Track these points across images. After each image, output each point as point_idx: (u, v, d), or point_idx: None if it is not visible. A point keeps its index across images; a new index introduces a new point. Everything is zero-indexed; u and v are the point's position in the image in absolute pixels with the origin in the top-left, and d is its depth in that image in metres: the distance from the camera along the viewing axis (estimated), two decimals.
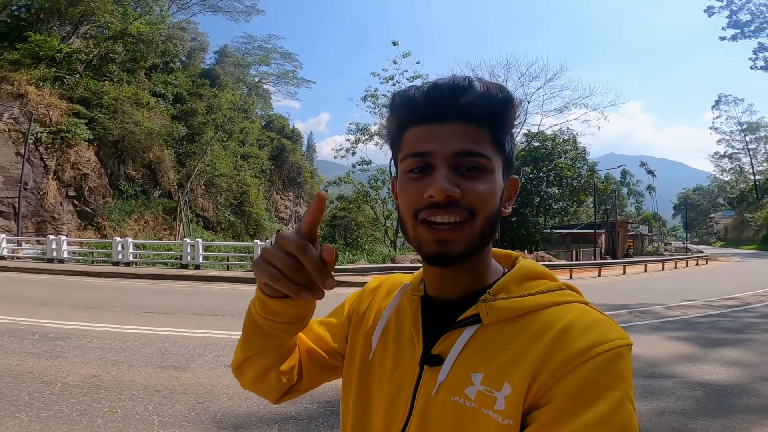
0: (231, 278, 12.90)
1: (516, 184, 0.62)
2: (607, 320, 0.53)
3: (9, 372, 3.81)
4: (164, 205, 40.47)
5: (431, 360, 0.57)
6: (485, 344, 0.54)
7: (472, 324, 0.56)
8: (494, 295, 0.56)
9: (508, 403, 0.50)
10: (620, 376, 0.48)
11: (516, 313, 0.55)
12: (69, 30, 39.59)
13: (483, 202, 0.54)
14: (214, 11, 54.50)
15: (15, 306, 7.19)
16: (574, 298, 0.57)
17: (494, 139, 0.56)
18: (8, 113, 31.17)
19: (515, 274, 0.59)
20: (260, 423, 3.24)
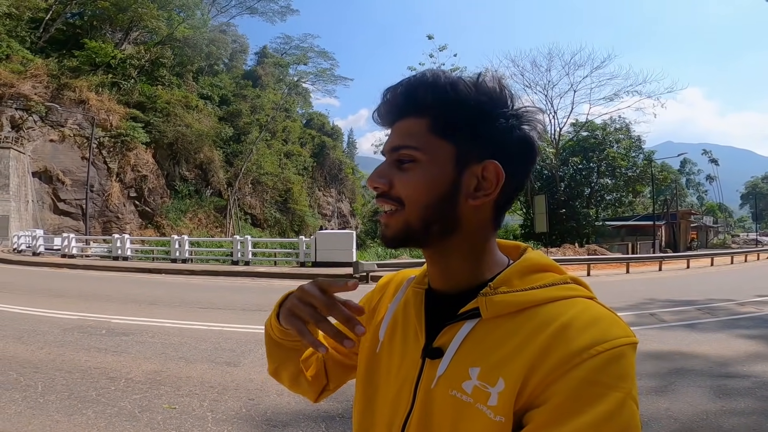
0: (279, 274, 13.29)
1: (492, 169, 0.55)
2: (610, 316, 0.51)
3: (78, 368, 4.08)
4: (215, 203, 42.46)
5: (432, 353, 0.57)
6: (484, 338, 0.54)
7: (472, 318, 0.55)
8: (495, 289, 0.55)
9: (500, 400, 0.49)
10: (622, 375, 0.46)
11: (516, 308, 0.53)
12: (120, 36, 42.22)
13: (411, 192, 0.55)
14: (251, 13, 56.10)
15: (85, 302, 7.77)
16: (578, 293, 0.55)
17: (435, 127, 0.55)
18: (72, 119, 33.80)
19: (518, 266, 0.57)
20: (308, 421, 3.26)
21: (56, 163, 32.63)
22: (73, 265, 14.82)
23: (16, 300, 7.56)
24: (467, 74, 0.57)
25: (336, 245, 14.65)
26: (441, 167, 0.55)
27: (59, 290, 8.87)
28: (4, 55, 32.84)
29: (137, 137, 36.43)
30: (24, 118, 31.55)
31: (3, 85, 30.72)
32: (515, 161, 0.56)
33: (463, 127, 0.55)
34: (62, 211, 32.62)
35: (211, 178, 43.24)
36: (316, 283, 0.58)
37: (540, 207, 18.04)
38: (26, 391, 3.45)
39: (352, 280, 0.57)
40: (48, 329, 5.51)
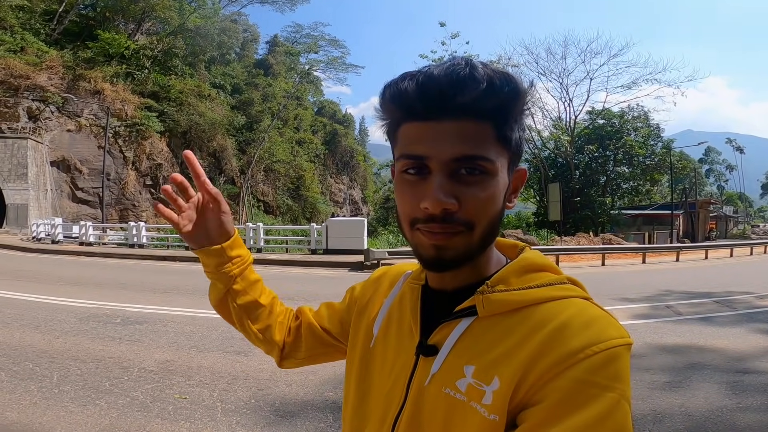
0: (290, 261, 13.39)
1: (523, 176, 0.58)
2: (606, 317, 0.51)
3: (93, 357, 4.17)
4: (228, 191, 42.91)
5: (426, 350, 0.56)
6: (480, 337, 0.53)
7: (468, 316, 0.55)
8: (492, 287, 0.54)
9: (495, 398, 0.49)
10: (616, 376, 0.46)
11: (512, 306, 0.53)
12: (133, 27, 42.43)
13: (483, 211, 0.51)
14: (262, 2, 55.84)
15: (102, 290, 7.94)
16: (574, 293, 0.54)
17: (499, 135, 0.51)
18: (88, 109, 34.30)
19: (516, 265, 0.57)
20: (316, 411, 3.28)
21: (74, 152, 33.26)
22: (90, 253, 15.15)
23: (35, 288, 7.76)
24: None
25: (347, 232, 14.68)
26: (503, 178, 0.53)
27: (76, 278, 9.08)
28: (19, 47, 33.33)
29: (152, 126, 36.85)
30: (41, 109, 32.13)
31: (19, 77, 31.24)
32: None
33: (514, 132, 0.53)
34: (80, 200, 33.34)
35: (225, 165, 43.63)
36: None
37: (554, 195, 17.80)
38: (42, 382, 3.54)
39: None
40: (65, 318, 5.65)
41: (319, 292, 8.42)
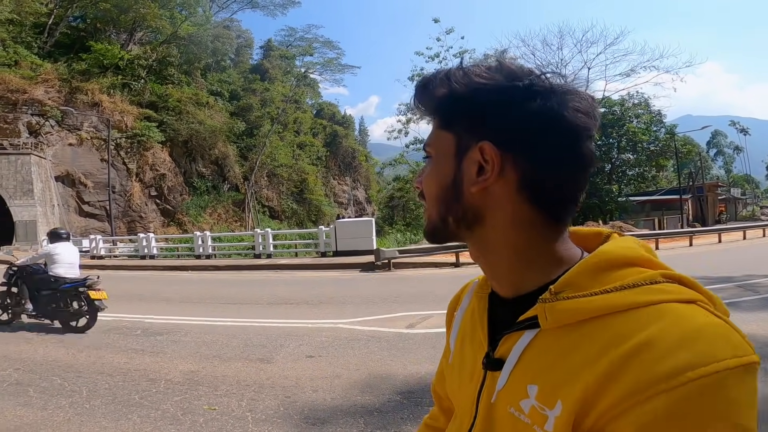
0: (300, 265, 13.39)
1: (487, 150, 0.50)
2: (715, 327, 0.41)
3: (119, 370, 4.17)
4: (233, 198, 43.02)
5: (493, 363, 0.52)
6: (544, 352, 0.47)
7: (532, 327, 0.48)
8: (556, 294, 0.46)
9: (557, 426, 0.43)
10: (722, 411, 0.37)
11: (582, 316, 0.45)
12: (125, 37, 42.61)
13: (426, 188, 0.56)
14: (253, 7, 56.16)
15: (119, 303, 7.92)
16: (671, 296, 0.43)
17: (442, 123, 0.55)
18: (88, 122, 34.43)
19: (590, 262, 0.48)
20: (346, 416, 3.25)
21: (77, 166, 33.43)
22: (103, 266, 15.22)
23: None
24: (476, 57, 0.52)
25: (356, 233, 14.67)
26: (444, 158, 0.54)
27: None
28: (13, 61, 33.42)
29: (152, 137, 36.97)
30: (41, 124, 32.28)
31: (15, 92, 31.37)
32: (530, 141, 0.49)
33: (461, 116, 0.52)
34: (87, 214, 33.52)
35: (228, 172, 43.72)
36: None
37: None
38: (72, 397, 3.53)
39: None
40: (86, 332, 5.65)
41: (333, 294, 8.41)
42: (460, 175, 0.52)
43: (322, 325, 5.87)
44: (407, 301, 7.56)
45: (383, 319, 6.14)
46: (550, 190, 0.50)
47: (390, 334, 5.31)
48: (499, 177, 0.49)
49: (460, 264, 12.25)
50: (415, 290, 8.53)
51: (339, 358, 4.48)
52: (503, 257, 0.52)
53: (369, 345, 4.90)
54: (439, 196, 0.54)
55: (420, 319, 6.08)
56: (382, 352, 4.62)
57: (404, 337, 5.20)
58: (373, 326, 5.72)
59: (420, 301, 7.42)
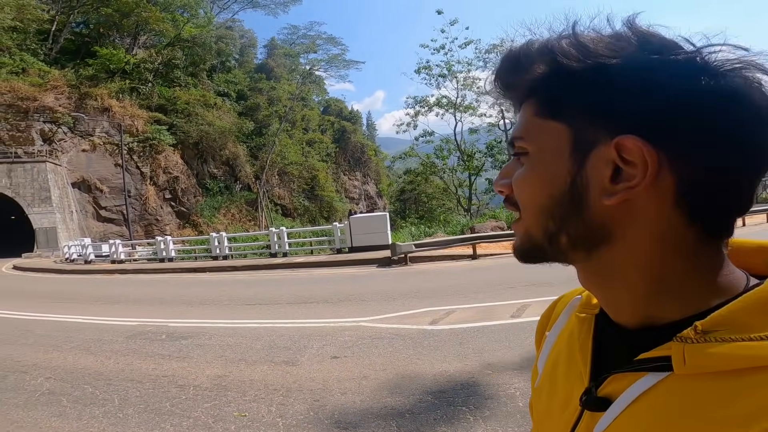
0: (317, 263, 13.40)
1: (631, 146, 0.37)
2: None
3: (148, 377, 4.18)
4: (245, 197, 43.39)
5: (594, 403, 0.41)
6: (668, 403, 0.36)
7: (658, 369, 0.37)
8: (705, 332, 0.35)
9: None
10: None
11: (738, 365, 0.33)
12: (129, 41, 43.05)
13: (521, 195, 0.44)
14: (254, 7, 56.33)
15: (141, 307, 8.06)
16: None
17: (547, 110, 0.42)
18: (99, 127, 34.93)
19: (760, 295, 0.35)
20: (377, 419, 3.19)
21: (92, 172, 34.00)
22: (123, 270, 15.45)
23: (78, 309, 7.91)
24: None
25: (370, 228, 14.61)
26: (553, 157, 0.41)
27: (116, 297, 9.25)
28: (20, 69, 33.90)
29: (163, 140, 37.38)
30: (54, 131, 32.83)
31: (26, 99, 31.89)
32: (694, 133, 0.36)
33: (578, 101, 0.40)
34: (105, 218, 34.13)
35: (239, 172, 44.07)
36: None
37: None
38: (105, 406, 3.54)
39: None
40: (112, 337, 5.71)
41: (352, 291, 8.37)
42: (582, 181, 0.39)
43: (344, 324, 5.82)
44: (427, 295, 7.48)
45: (405, 315, 6.07)
46: (716, 198, 0.37)
47: (414, 331, 5.24)
48: (652, 184, 0.37)
49: (478, 256, 12.12)
50: (434, 284, 8.44)
51: (364, 358, 4.42)
52: (634, 284, 0.40)
53: (393, 343, 4.83)
54: (546, 207, 0.41)
55: (443, 315, 5.99)
56: (408, 351, 4.55)
57: (429, 333, 5.12)
58: (395, 323, 5.66)
59: (440, 296, 7.33)
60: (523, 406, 3.16)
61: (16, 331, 6.29)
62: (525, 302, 6.34)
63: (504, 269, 9.89)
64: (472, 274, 9.44)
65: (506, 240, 13.14)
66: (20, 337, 5.96)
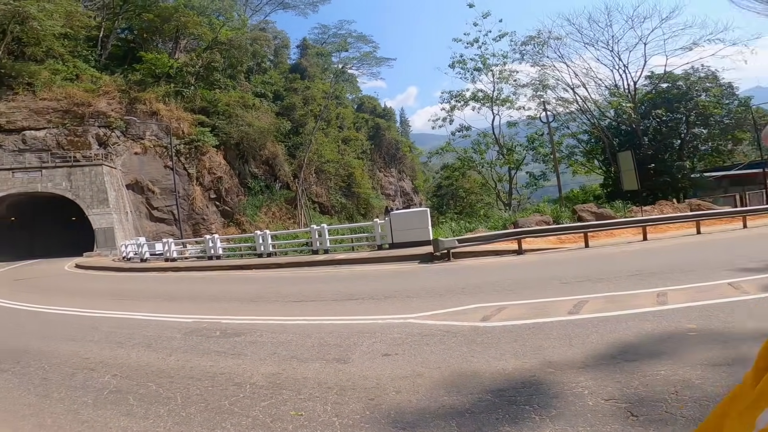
0: (358, 259, 13.42)
1: None
2: None
3: (206, 374, 4.26)
4: (285, 196, 44.40)
5: None
6: None
7: None
8: None
9: None
10: None
11: None
12: (171, 46, 44.94)
13: None
14: (284, 8, 57.58)
15: (195, 304, 8.35)
16: None
17: None
18: (149, 131, 36.75)
19: None
20: (436, 419, 3.06)
21: (144, 174, 35.90)
22: (176, 268, 16.16)
23: (138, 306, 8.30)
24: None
25: (411, 224, 14.48)
26: None
27: (171, 294, 9.66)
28: (74, 75, 36.11)
29: (207, 141, 38.84)
30: (108, 135, 34.86)
31: (81, 105, 33.99)
32: None
33: None
34: (156, 218, 35.99)
35: (278, 171, 45.13)
36: None
37: (627, 163, 16.71)
38: (168, 404, 3.61)
39: None
40: (171, 334, 5.91)
41: (396, 288, 8.28)
42: None
43: (392, 321, 5.73)
44: (474, 292, 7.27)
45: (454, 312, 5.91)
46: None
47: (465, 328, 5.07)
48: None
49: (523, 251, 11.70)
50: (480, 280, 8.20)
51: (416, 356, 4.31)
52: None
53: (445, 340, 4.69)
54: None
55: (494, 311, 5.79)
56: (461, 348, 4.40)
57: (481, 330, 4.94)
58: (445, 320, 5.50)
59: (488, 292, 7.10)
60: (593, 405, 2.96)
61: (83, 328, 6.65)
62: (582, 298, 6.02)
63: (552, 264, 9.48)
64: (519, 270, 9.11)
65: (553, 234, 12.62)
66: (87, 334, 6.28)
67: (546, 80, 30.18)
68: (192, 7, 41.54)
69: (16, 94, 32.29)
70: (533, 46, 30.35)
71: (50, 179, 30.89)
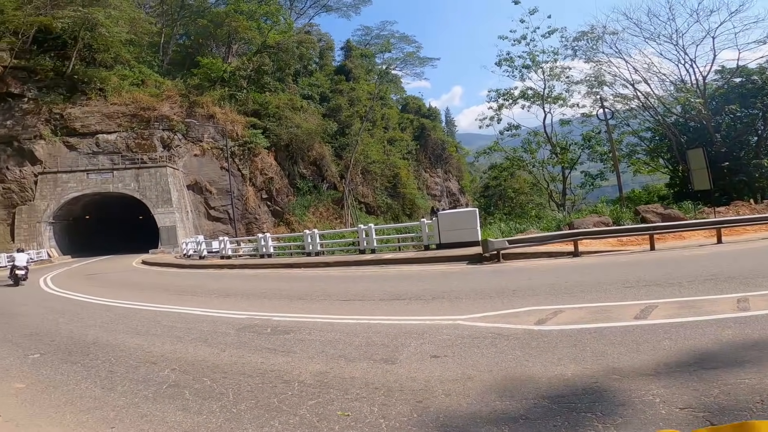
0: (405, 260, 13.33)
1: None
2: None
3: (257, 371, 4.35)
4: (332, 196, 45.26)
5: None
6: None
7: None
8: None
9: None
10: None
11: None
12: (224, 50, 47.21)
13: None
14: (327, 11, 58.94)
15: (248, 301, 8.65)
16: None
17: None
18: (207, 133, 38.84)
19: None
20: (487, 425, 2.90)
21: (202, 174, 38.05)
22: (231, 266, 16.90)
23: (196, 302, 8.75)
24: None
25: (459, 225, 14.19)
26: None
27: (226, 290, 10.08)
28: (140, 80, 38.85)
29: (259, 143, 40.47)
30: (171, 137, 37.26)
31: (147, 109, 36.53)
32: None
33: None
34: (213, 218, 38.03)
35: (326, 172, 46.09)
36: None
37: (697, 162, 15.50)
38: (221, 400, 3.70)
39: None
40: (225, 330, 6.13)
41: (444, 289, 8.11)
42: None
43: (441, 321, 5.59)
44: (526, 294, 6.95)
45: (506, 314, 5.67)
46: None
47: (519, 331, 4.84)
48: None
49: (580, 253, 11.06)
50: (533, 282, 7.83)
51: (466, 358, 4.16)
52: None
53: (497, 343, 4.49)
54: None
55: (550, 314, 5.50)
56: (515, 352, 4.19)
57: (536, 334, 4.69)
58: (496, 322, 5.28)
59: (542, 294, 6.76)
60: (666, 414, 2.73)
61: (147, 322, 7.07)
62: (650, 303, 5.57)
63: (613, 267, 8.87)
64: (575, 272, 8.60)
65: (612, 236, 11.85)
66: (150, 328, 6.66)
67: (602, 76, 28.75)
68: (241, 12, 43.54)
69: (90, 99, 35.18)
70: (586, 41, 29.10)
71: (120, 180, 33.53)
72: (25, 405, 3.96)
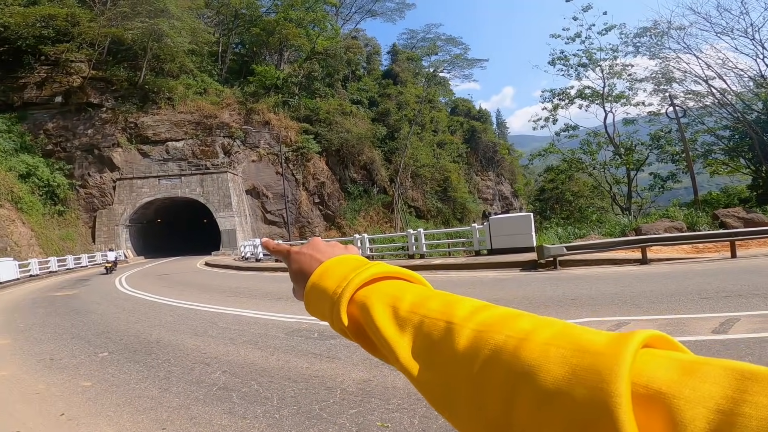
0: (455, 265, 13.02)
1: None
2: None
3: (302, 376, 4.37)
4: (382, 200, 45.53)
5: None
6: None
7: None
8: None
9: None
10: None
11: None
12: (277, 58, 49.00)
13: None
14: (372, 16, 59.24)
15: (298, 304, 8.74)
16: None
17: None
18: (263, 139, 40.62)
19: None
20: None
21: (259, 180, 39.84)
22: (284, 269, 17.38)
23: (250, 304, 9.05)
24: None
25: (512, 230, 13.63)
26: None
27: (278, 293, 10.35)
28: (202, 89, 41.31)
29: (311, 148, 41.68)
30: (231, 144, 39.36)
31: (210, 117, 38.78)
32: None
33: None
34: (269, 221, 39.67)
35: (375, 176, 46.49)
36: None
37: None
38: (265, 405, 3.74)
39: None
40: (275, 333, 6.25)
41: (497, 296, 7.75)
42: None
43: None
44: (587, 303, 6.47)
45: None
46: None
47: None
48: None
49: (648, 261, 10.17)
50: (594, 291, 7.27)
51: None
52: None
53: None
54: None
55: (614, 326, 5.10)
56: None
57: None
58: None
59: (604, 305, 6.25)
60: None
61: (205, 323, 7.38)
62: (730, 316, 4.99)
63: (687, 276, 8.04)
64: (642, 281, 7.89)
65: (686, 243, 10.79)
66: (208, 329, 6.93)
67: (670, 73, 26.57)
68: (290, 20, 45.15)
69: (159, 108, 38.03)
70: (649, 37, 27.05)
71: (187, 185, 35.96)
72: (88, 403, 4.16)
